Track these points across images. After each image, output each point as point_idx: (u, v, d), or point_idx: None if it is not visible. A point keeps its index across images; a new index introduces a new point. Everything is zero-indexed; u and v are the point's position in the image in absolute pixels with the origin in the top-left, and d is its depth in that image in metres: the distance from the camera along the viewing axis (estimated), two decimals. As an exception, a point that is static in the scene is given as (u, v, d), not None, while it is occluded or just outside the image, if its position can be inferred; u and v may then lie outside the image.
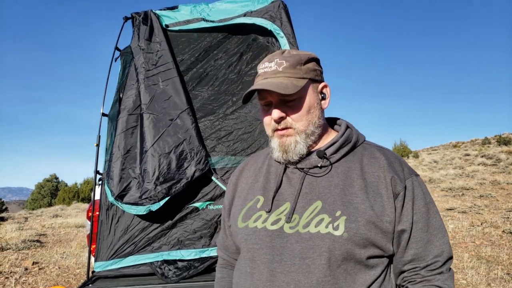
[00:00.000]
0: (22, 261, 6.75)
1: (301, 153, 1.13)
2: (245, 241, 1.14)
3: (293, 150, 1.12)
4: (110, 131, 2.75)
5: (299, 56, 1.14)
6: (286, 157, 1.14)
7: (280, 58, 1.13)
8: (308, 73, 1.13)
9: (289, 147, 1.12)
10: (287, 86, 1.08)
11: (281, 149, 1.14)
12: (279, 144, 1.14)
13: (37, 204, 24.90)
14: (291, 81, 1.10)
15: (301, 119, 1.12)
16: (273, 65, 1.13)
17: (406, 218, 1.07)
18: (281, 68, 1.12)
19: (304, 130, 1.12)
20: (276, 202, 1.13)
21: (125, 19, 2.86)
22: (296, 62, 1.12)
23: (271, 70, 1.13)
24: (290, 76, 1.11)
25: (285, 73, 1.11)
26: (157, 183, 2.41)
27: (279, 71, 1.12)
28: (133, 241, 2.50)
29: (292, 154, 1.13)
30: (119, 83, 2.83)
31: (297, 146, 1.12)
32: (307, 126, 1.12)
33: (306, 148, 1.13)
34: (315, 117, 1.14)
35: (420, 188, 1.11)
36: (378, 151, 1.17)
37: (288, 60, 1.12)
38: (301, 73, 1.12)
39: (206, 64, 2.80)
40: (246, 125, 2.68)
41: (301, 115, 1.12)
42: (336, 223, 1.03)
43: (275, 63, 1.13)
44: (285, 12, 2.70)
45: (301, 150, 1.12)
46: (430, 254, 1.08)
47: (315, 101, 1.15)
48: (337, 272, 1.02)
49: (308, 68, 1.14)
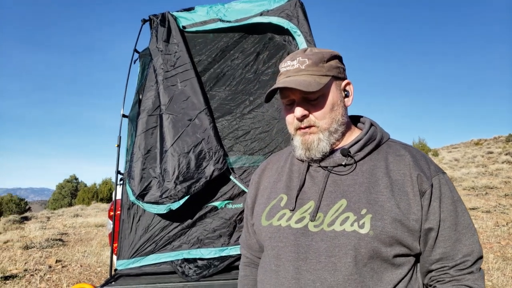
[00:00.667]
0: (46, 259, 6.93)
1: (324, 151, 1.12)
2: (269, 239, 1.14)
3: (316, 148, 1.12)
4: (130, 132, 2.80)
5: (321, 54, 1.14)
6: (309, 155, 1.13)
7: (303, 56, 1.13)
8: (331, 71, 1.13)
9: (312, 145, 1.12)
10: (310, 83, 1.07)
11: (304, 146, 1.14)
12: (301, 141, 1.14)
13: (58, 204, 25.43)
14: (314, 79, 1.09)
15: (324, 117, 1.11)
16: (296, 63, 1.13)
17: (433, 216, 1.05)
18: (304, 66, 1.11)
19: (328, 128, 1.12)
20: (299, 201, 1.13)
21: (143, 21, 2.90)
22: (319, 60, 1.12)
23: (293, 68, 1.13)
24: (312, 73, 1.10)
25: (307, 71, 1.11)
26: (177, 182, 2.44)
27: (302, 69, 1.11)
28: (154, 239, 2.53)
29: (315, 151, 1.12)
30: (138, 84, 2.87)
31: (320, 143, 1.12)
32: (330, 123, 1.12)
33: (329, 146, 1.13)
34: (339, 114, 1.13)
35: (447, 186, 1.09)
36: (403, 149, 1.16)
37: (310, 58, 1.12)
38: (324, 71, 1.11)
39: (223, 64, 2.82)
40: (264, 125, 2.68)
41: (324, 112, 1.11)
42: (362, 221, 1.03)
43: (297, 61, 1.13)
44: (301, 10, 2.69)
45: (324, 147, 1.12)
46: (459, 253, 1.06)
47: (338, 98, 1.14)
48: (364, 271, 1.01)
49: (331, 66, 1.13)
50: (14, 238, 8.94)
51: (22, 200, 21.92)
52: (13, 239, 8.84)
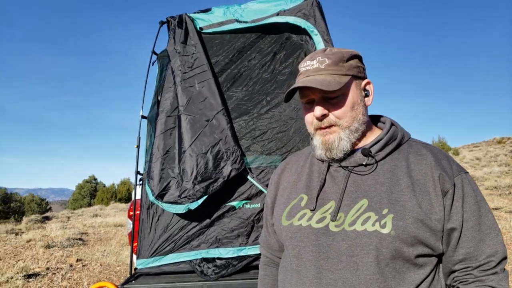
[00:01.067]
0: (67, 258, 7.07)
1: (346, 150, 1.11)
2: (290, 238, 1.15)
3: (337, 147, 1.11)
4: (149, 132, 2.83)
5: (341, 53, 1.13)
6: (330, 155, 1.13)
7: (322, 56, 1.13)
8: (351, 70, 1.12)
9: (333, 145, 1.11)
10: (330, 82, 1.07)
11: (324, 147, 1.13)
12: (321, 142, 1.13)
13: (78, 204, 25.88)
14: (334, 78, 1.09)
15: (345, 116, 1.10)
16: (315, 63, 1.12)
17: (456, 216, 1.04)
18: (324, 66, 1.11)
19: (348, 126, 1.11)
20: (320, 201, 1.13)
21: (160, 23, 2.93)
22: (339, 59, 1.12)
23: (313, 68, 1.12)
24: (332, 73, 1.10)
25: (327, 70, 1.10)
26: (195, 182, 2.47)
27: (322, 68, 1.11)
28: (173, 239, 2.56)
29: (336, 151, 1.11)
30: (157, 86, 2.91)
31: (341, 142, 1.11)
32: (351, 122, 1.11)
33: (350, 144, 1.12)
34: (359, 113, 1.12)
35: (470, 186, 1.07)
36: (425, 148, 1.14)
37: (330, 57, 1.12)
38: (344, 70, 1.11)
39: (240, 65, 2.83)
40: (281, 124, 2.68)
41: (344, 111, 1.10)
42: (383, 221, 1.02)
43: (317, 60, 1.13)
44: (318, 10, 2.68)
45: (345, 146, 1.11)
46: (483, 253, 1.04)
47: (359, 97, 1.13)
48: (386, 271, 1.01)
49: (350, 65, 1.13)
50: (36, 237, 9.15)
51: (43, 200, 22.40)
52: (35, 238, 9.05)
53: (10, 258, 7.10)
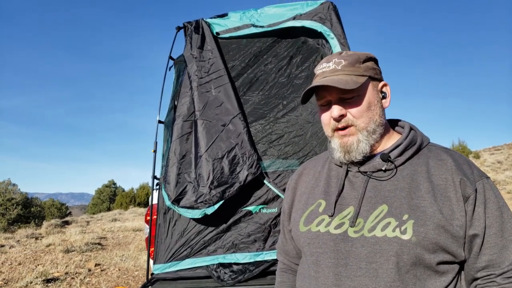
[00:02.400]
0: (85, 262, 7.16)
1: (365, 152, 1.10)
2: (308, 245, 1.13)
3: (356, 150, 1.10)
4: (166, 137, 2.85)
5: (357, 55, 1.13)
6: (349, 157, 1.11)
7: (338, 58, 1.13)
8: (367, 71, 1.11)
9: (352, 147, 1.10)
10: (348, 81, 1.06)
11: (343, 149, 1.12)
12: (340, 144, 1.12)
13: (97, 208, 26.22)
14: (351, 78, 1.08)
15: (362, 116, 1.09)
16: (332, 65, 1.12)
17: (478, 222, 1.01)
18: (340, 67, 1.11)
19: (365, 127, 1.09)
20: (339, 206, 1.12)
21: (177, 28, 2.96)
22: (355, 61, 1.11)
23: (329, 69, 1.12)
24: (349, 73, 1.09)
25: (344, 71, 1.10)
26: (211, 187, 2.46)
27: (338, 69, 1.11)
28: (190, 244, 2.56)
29: (355, 153, 1.10)
30: (173, 91, 2.93)
31: (359, 145, 1.10)
32: (368, 123, 1.10)
33: (369, 146, 1.10)
34: (376, 114, 1.11)
35: (492, 191, 1.05)
36: (445, 153, 1.12)
37: (346, 59, 1.12)
38: (361, 71, 1.10)
39: (256, 69, 2.83)
40: (297, 128, 2.66)
41: (361, 111, 1.09)
42: (404, 227, 1.00)
43: (333, 62, 1.12)
44: (335, 13, 2.67)
45: (364, 148, 1.10)
46: (506, 260, 1.01)
47: (375, 98, 1.12)
48: (406, 277, 0.98)
49: (367, 66, 1.12)
50: (56, 241, 9.31)
51: (63, 205, 22.78)
52: (54, 242, 9.21)
53: (30, 263, 7.23)
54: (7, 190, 15.35)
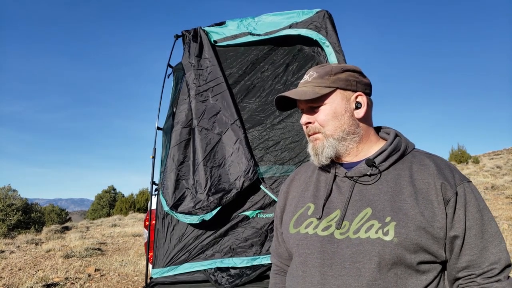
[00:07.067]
0: (85, 268, 7.17)
1: (329, 156, 1.19)
2: (296, 246, 1.19)
3: (321, 153, 1.19)
4: (164, 144, 2.89)
5: (330, 68, 1.21)
6: (318, 160, 1.21)
7: (313, 70, 1.23)
8: (336, 83, 1.19)
9: (318, 150, 1.20)
10: (306, 92, 1.17)
11: (313, 152, 1.22)
12: (311, 147, 1.23)
13: (97, 214, 26.13)
14: (313, 89, 1.18)
15: (327, 124, 1.18)
16: (307, 77, 1.24)
17: (459, 224, 1.07)
18: (311, 79, 1.21)
19: (331, 135, 1.18)
20: (326, 210, 1.18)
21: (176, 37, 3.01)
22: (325, 73, 1.20)
23: (304, 81, 1.24)
24: (315, 85, 1.19)
25: (312, 82, 1.20)
26: (209, 194, 2.51)
27: (309, 81, 1.22)
28: (188, 248, 2.60)
29: (321, 157, 1.19)
30: (172, 98, 2.98)
31: (324, 150, 1.19)
32: (334, 131, 1.18)
33: (334, 152, 1.19)
34: (344, 123, 1.18)
35: (472, 194, 1.10)
36: (428, 158, 1.18)
37: (318, 71, 1.21)
38: (328, 82, 1.19)
39: (253, 77, 2.88)
40: (293, 135, 2.71)
41: (325, 120, 1.19)
42: (386, 229, 1.06)
43: (309, 75, 1.24)
44: (330, 22, 2.73)
45: (329, 153, 1.19)
46: (486, 261, 1.06)
47: (343, 108, 1.19)
48: (388, 276, 1.04)
49: (338, 78, 1.19)
50: (55, 247, 9.31)
51: (63, 211, 22.72)
52: (54, 248, 9.21)
53: (30, 268, 7.24)
54: (7, 196, 15.35)
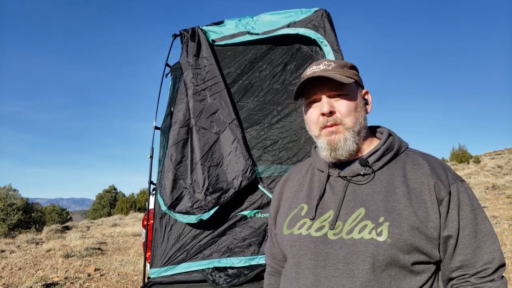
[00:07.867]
0: (85, 267, 7.17)
1: (351, 150, 1.14)
2: (290, 247, 1.17)
3: (342, 147, 1.13)
4: (162, 143, 2.89)
5: (344, 62, 1.20)
6: (335, 155, 1.15)
7: (328, 61, 1.19)
8: (354, 76, 1.18)
9: (339, 144, 1.13)
10: (341, 78, 1.12)
11: (330, 147, 1.14)
12: (327, 142, 1.15)
13: (98, 213, 26.14)
14: (343, 77, 1.14)
15: (350, 115, 1.14)
16: (322, 66, 1.18)
17: (452, 223, 1.06)
18: (330, 68, 1.16)
19: (352, 126, 1.14)
20: (319, 210, 1.16)
21: (174, 36, 3.00)
22: (343, 65, 1.18)
23: (320, 70, 1.17)
24: (340, 73, 1.15)
25: (334, 71, 1.15)
26: (207, 193, 2.50)
27: (329, 69, 1.16)
28: (185, 248, 2.59)
29: (341, 151, 1.14)
30: (170, 97, 2.97)
31: (346, 142, 1.13)
32: (354, 122, 1.14)
33: (355, 145, 1.14)
34: (361, 117, 1.17)
35: (466, 194, 1.09)
36: (421, 158, 1.16)
37: (335, 62, 1.18)
38: (349, 73, 1.17)
39: (251, 76, 2.87)
40: (291, 134, 2.70)
41: (349, 110, 1.14)
42: (379, 229, 1.04)
43: (323, 64, 1.18)
44: (328, 21, 2.72)
45: (351, 147, 1.14)
46: (480, 261, 1.05)
47: (361, 101, 1.19)
48: (382, 277, 1.02)
49: (353, 72, 1.19)
50: (56, 247, 9.32)
51: (63, 210, 22.73)
52: (55, 247, 9.22)
53: (30, 268, 7.25)
54: (8, 196, 15.37)
